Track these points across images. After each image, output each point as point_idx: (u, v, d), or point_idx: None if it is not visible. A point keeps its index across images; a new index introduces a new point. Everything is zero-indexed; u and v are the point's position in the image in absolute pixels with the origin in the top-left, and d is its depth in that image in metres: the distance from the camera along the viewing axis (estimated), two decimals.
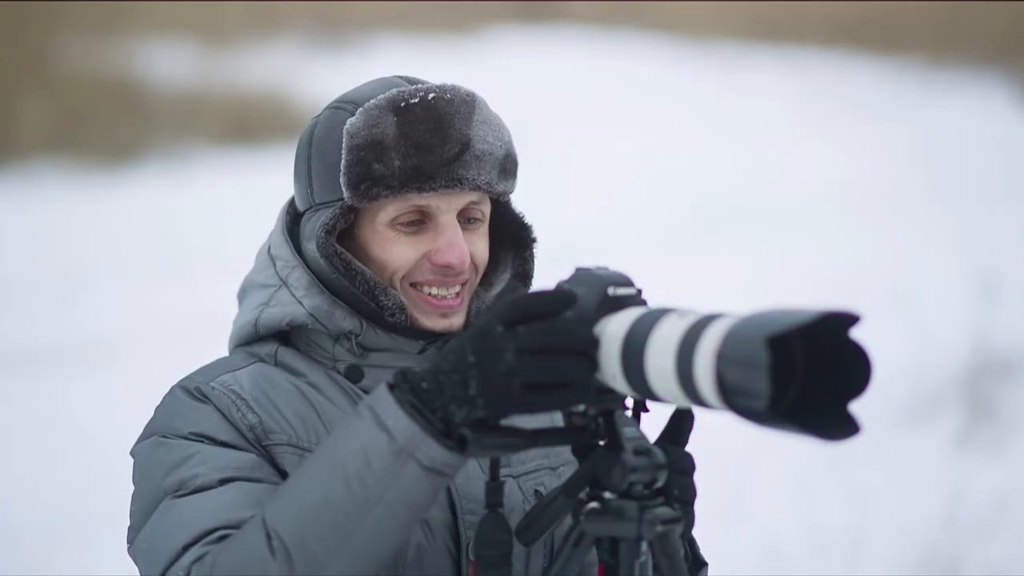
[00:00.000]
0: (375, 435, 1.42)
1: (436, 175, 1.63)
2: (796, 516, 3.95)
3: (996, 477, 4.41)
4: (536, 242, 1.75)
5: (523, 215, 1.76)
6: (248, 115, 10.46)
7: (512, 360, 1.38)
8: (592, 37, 13.49)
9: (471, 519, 1.63)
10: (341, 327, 1.66)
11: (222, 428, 1.59)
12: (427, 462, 1.42)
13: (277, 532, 1.43)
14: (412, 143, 1.63)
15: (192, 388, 1.63)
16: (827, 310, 1.29)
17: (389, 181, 1.62)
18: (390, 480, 1.42)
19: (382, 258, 1.66)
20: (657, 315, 1.41)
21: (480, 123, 1.67)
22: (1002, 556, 3.95)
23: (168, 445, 1.58)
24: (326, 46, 12.82)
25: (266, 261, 1.72)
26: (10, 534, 4.28)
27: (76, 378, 5.78)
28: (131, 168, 9.48)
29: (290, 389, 1.65)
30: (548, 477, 1.72)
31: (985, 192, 8.58)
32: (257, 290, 1.72)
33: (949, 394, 5.35)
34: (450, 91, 1.67)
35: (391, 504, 1.42)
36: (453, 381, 1.40)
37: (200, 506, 1.51)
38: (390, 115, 1.64)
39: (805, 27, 13.28)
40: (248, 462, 1.57)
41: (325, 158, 1.67)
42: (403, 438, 1.41)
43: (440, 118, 1.64)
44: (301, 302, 1.67)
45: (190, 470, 1.55)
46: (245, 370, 1.66)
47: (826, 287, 6.23)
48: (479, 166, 1.65)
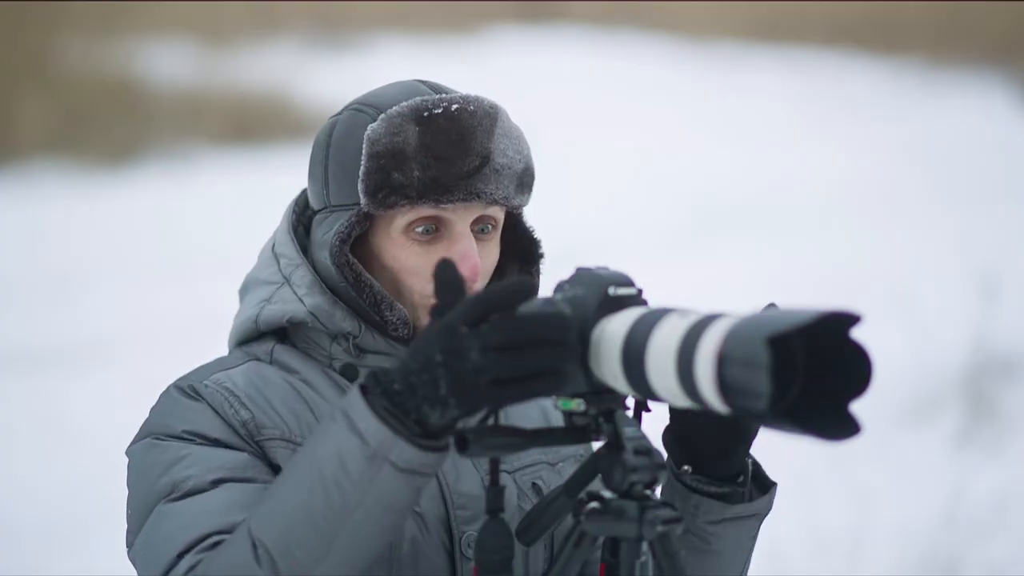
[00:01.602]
0: (349, 440, 1.42)
1: (455, 188, 1.62)
2: (796, 516, 3.95)
3: (996, 477, 4.41)
4: (543, 258, 1.75)
5: (533, 229, 1.75)
6: (248, 115, 10.46)
7: (478, 359, 1.37)
8: (592, 37, 13.49)
9: (463, 514, 1.64)
10: (340, 327, 1.66)
11: (215, 425, 1.60)
12: (402, 464, 1.41)
13: (261, 540, 1.44)
14: (433, 154, 1.62)
15: (186, 387, 1.64)
16: (828, 310, 1.29)
17: (407, 191, 1.62)
18: (367, 484, 1.41)
19: (394, 266, 1.66)
20: (658, 315, 1.41)
21: (501, 136, 1.66)
22: (1002, 556, 3.95)
23: (161, 446, 1.59)
24: (326, 46, 12.82)
25: (270, 258, 1.73)
26: (10, 534, 4.29)
27: (76, 378, 5.79)
28: (131, 168, 9.48)
29: (284, 386, 1.65)
30: (546, 472, 1.73)
31: (985, 192, 8.58)
32: (260, 287, 1.72)
33: (949, 394, 5.35)
34: (473, 103, 1.66)
35: (370, 508, 1.42)
36: (424, 381, 1.39)
37: (193, 511, 1.52)
38: (412, 124, 1.63)
39: (805, 27, 13.29)
40: (240, 461, 1.57)
41: (343, 161, 1.66)
42: (375, 442, 1.41)
43: (462, 130, 1.63)
44: (303, 300, 1.67)
45: (182, 472, 1.55)
46: (239, 368, 1.67)
47: (826, 287, 6.23)
48: (498, 180, 1.64)
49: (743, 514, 1.62)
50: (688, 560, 1.53)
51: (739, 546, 1.65)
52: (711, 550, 1.63)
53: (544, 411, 1.81)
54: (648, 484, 1.47)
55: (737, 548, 1.65)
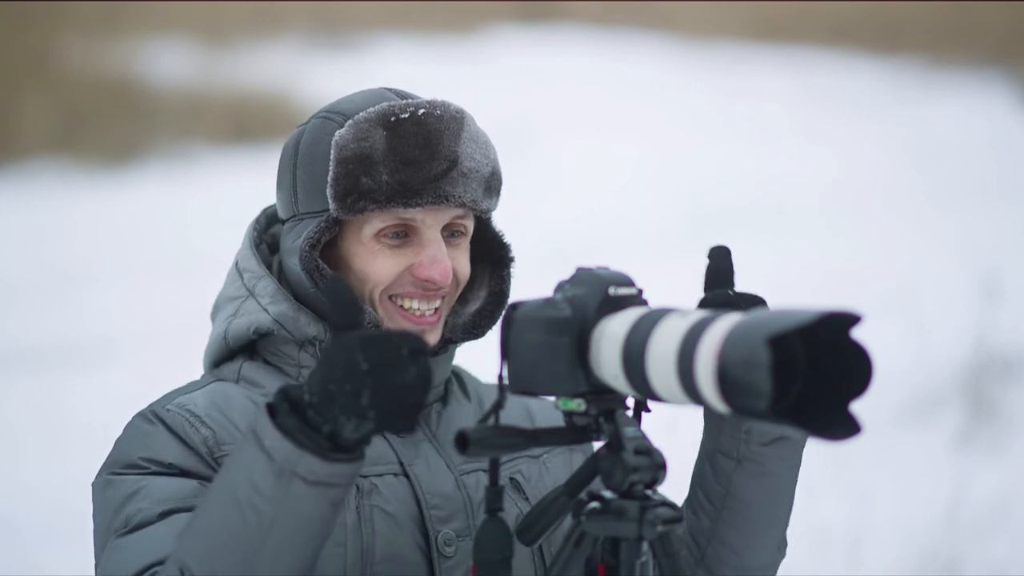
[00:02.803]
0: (257, 458, 1.42)
1: (423, 191, 1.64)
2: (796, 515, 3.94)
3: (996, 477, 4.41)
4: (514, 261, 1.77)
5: (503, 233, 1.77)
6: (248, 115, 10.44)
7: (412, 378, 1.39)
8: (592, 37, 13.47)
9: (437, 513, 1.65)
10: (306, 333, 1.68)
11: (171, 448, 1.61)
12: (310, 477, 1.41)
13: (188, 566, 1.44)
14: (400, 158, 1.64)
15: (148, 413, 1.66)
16: (828, 310, 1.30)
17: (376, 195, 1.63)
18: (280, 501, 1.41)
19: (364, 270, 1.67)
20: (658, 315, 1.42)
21: (468, 140, 1.68)
22: (1002, 556, 3.95)
23: (116, 483, 1.61)
24: (326, 46, 12.80)
25: (234, 275, 1.75)
26: (13, 532, 4.29)
27: (77, 377, 5.78)
28: (131, 168, 9.47)
29: (245, 403, 1.67)
30: (526, 465, 1.74)
31: (985, 192, 8.56)
32: (226, 304, 1.74)
33: (949, 394, 5.34)
34: (440, 107, 1.67)
35: (286, 524, 1.42)
36: (344, 391, 1.39)
37: (139, 544, 1.53)
38: (380, 129, 1.65)
39: (805, 27, 13.27)
40: (190, 490, 1.58)
41: (311, 169, 1.68)
42: (280, 457, 1.41)
43: (429, 134, 1.65)
44: (267, 309, 1.68)
45: (134, 505, 1.57)
46: (201, 391, 1.69)
47: (826, 287, 6.22)
48: (465, 183, 1.66)
49: (789, 433, 1.64)
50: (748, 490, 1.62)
51: (790, 465, 1.69)
52: (767, 471, 1.66)
53: (527, 409, 1.83)
54: (648, 484, 1.48)
55: (789, 467, 1.69)
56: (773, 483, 1.67)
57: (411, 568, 1.63)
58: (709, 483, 1.68)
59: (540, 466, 1.76)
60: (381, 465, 1.66)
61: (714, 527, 1.67)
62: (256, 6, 13.07)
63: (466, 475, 1.70)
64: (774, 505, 1.69)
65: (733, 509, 1.66)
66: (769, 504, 1.68)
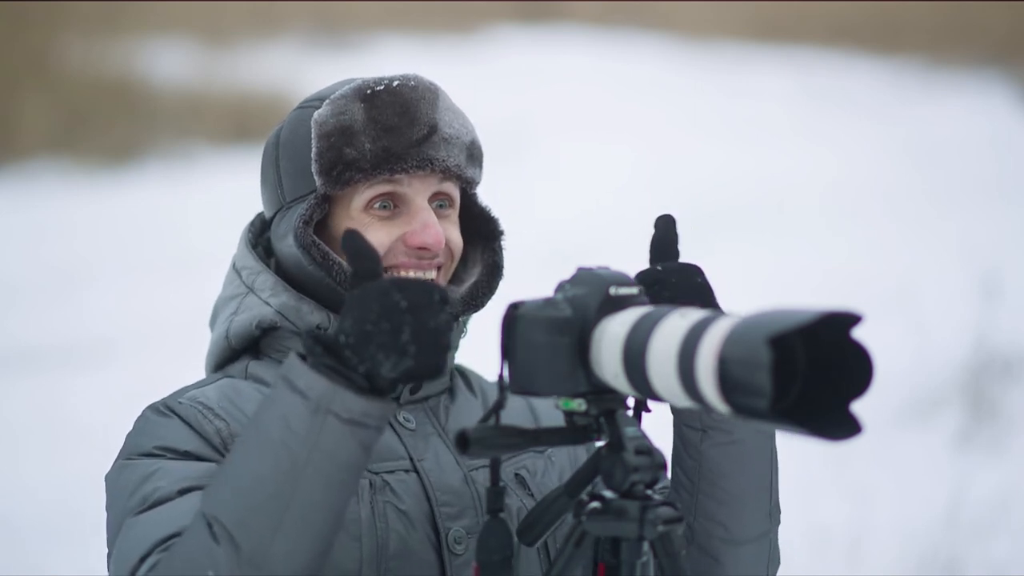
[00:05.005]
0: (291, 400, 1.43)
1: (406, 156, 1.66)
2: (796, 515, 3.95)
3: (996, 477, 4.41)
4: (503, 234, 1.78)
5: (490, 208, 1.78)
6: (248, 115, 10.44)
7: (444, 321, 1.43)
8: (592, 37, 13.47)
9: (447, 511, 1.66)
10: (309, 322, 1.68)
11: (186, 438, 1.61)
12: (345, 414, 1.43)
13: (216, 518, 1.44)
14: (381, 126, 1.66)
15: (160, 406, 1.66)
16: (828, 310, 1.30)
17: (360, 164, 1.65)
18: (313, 439, 1.42)
19: None
20: (659, 315, 1.42)
21: (445, 110, 1.70)
22: (1002, 556, 3.95)
23: (131, 466, 1.60)
24: (326, 46, 12.80)
25: (231, 274, 1.76)
26: (12, 532, 4.29)
27: (78, 377, 5.78)
28: (131, 168, 9.47)
29: (257, 396, 1.67)
30: (531, 460, 1.74)
31: (985, 192, 8.56)
32: (225, 305, 1.75)
33: (949, 394, 5.34)
34: (414, 79, 1.71)
35: (320, 464, 1.43)
36: (382, 329, 1.41)
37: (157, 519, 1.53)
38: (357, 103, 1.68)
39: (805, 27, 13.27)
40: (208, 471, 1.58)
41: (294, 154, 1.69)
42: (316, 395, 1.42)
43: (406, 103, 1.68)
44: (268, 302, 1.69)
45: (151, 485, 1.57)
46: (212, 385, 1.69)
47: (826, 287, 6.22)
48: (448, 148, 1.68)
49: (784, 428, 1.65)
50: (719, 460, 1.62)
51: (758, 431, 1.68)
52: (734, 439, 1.66)
53: (531, 406, 1.83)
54: (649, 484, 1.48)
55: (757, 434, 1.68)
56: (742, 450, 1.67)
57: (423, 564, 1.63)
58: (682, 458, 1.68)
59: (545, 460, 1.77)
60: (392, 461, 1.66)
61: (695, 501, 1.67)
62: (256, 6, 13.07)
63: (475, 471, 1.70)
64: (748, 472, 1.68)
65: (708, 480, 1.67)
66: (742, 472, 1.68)
